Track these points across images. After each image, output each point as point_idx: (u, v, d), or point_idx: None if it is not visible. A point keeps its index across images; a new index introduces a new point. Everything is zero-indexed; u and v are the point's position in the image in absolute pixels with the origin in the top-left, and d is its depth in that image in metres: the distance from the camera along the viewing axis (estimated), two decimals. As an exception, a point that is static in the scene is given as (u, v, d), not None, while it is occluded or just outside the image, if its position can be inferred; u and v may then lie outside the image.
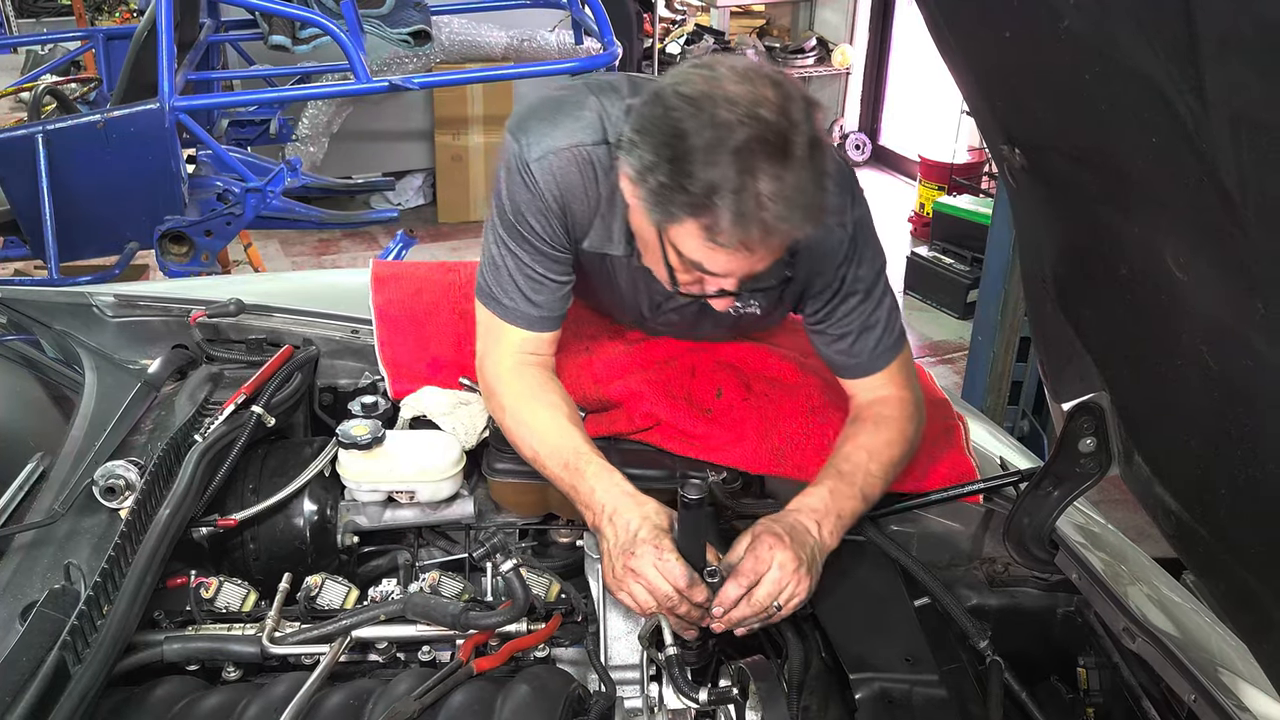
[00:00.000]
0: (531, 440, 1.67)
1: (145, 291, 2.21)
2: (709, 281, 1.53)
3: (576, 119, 1.62)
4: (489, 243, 1.71)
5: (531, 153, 1.60)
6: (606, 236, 1.68)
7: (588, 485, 1.58)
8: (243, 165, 4.44)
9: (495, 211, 1.68)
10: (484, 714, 1.26)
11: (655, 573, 1.44)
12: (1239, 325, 1.07)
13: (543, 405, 1.70)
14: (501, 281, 1.70)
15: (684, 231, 1.44)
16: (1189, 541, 1.37)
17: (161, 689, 1.33)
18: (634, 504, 1.53)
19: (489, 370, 1.76)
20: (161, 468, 1.59)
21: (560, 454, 1.63)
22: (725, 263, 1.46)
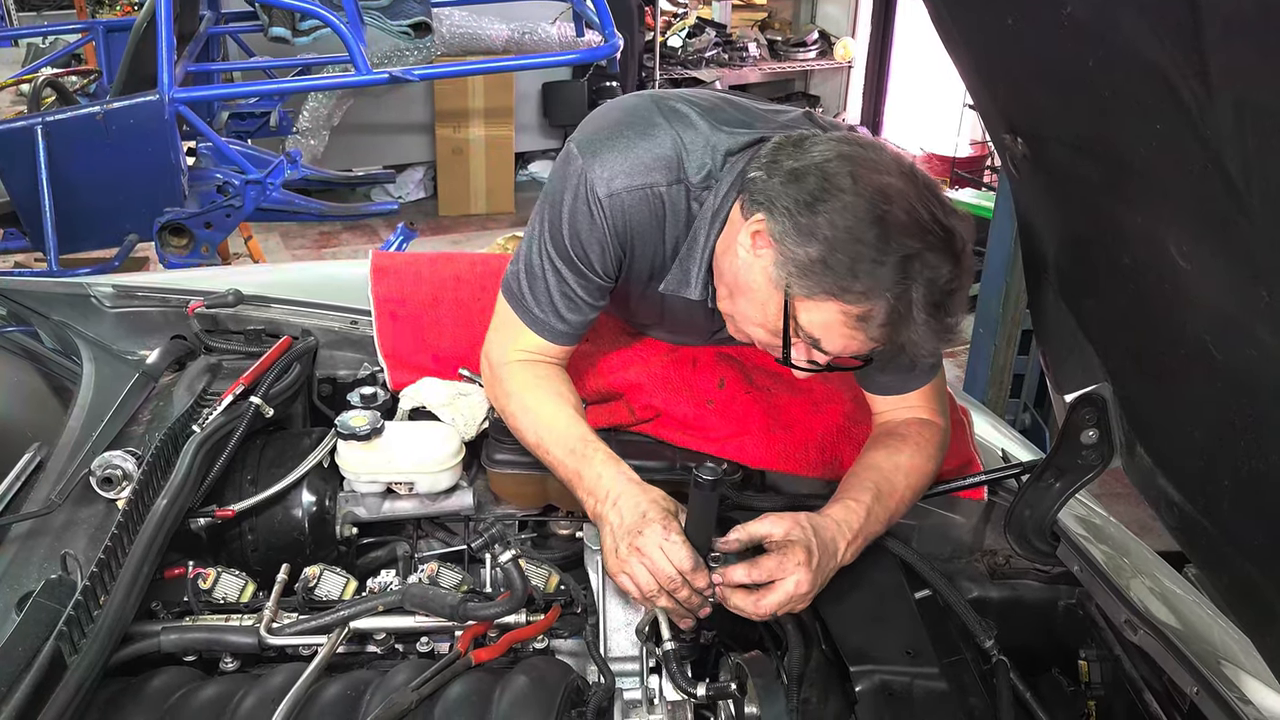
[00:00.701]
0: (536, 426, 1.66)
1: (143, 282, 2.20)
2: (811, 353, 1.50)
3: (655, 155, 1.55)
4: (531, 250, 1.65)
5: (605, 186, 1.54)
6: (684, 281, 1.63)
7: (594, 471, 1.56)
8: (243, 158, 4.43)
9: (548, 226, 1.61)
10: (482, 705, 1.25)
11: (660, 553, 1.43)
12: (1243, 314, 1.06)
13: (550, 394, 1.68)
14: (535, 292, 1.66)
15: (822, 310, 1.42)
16: (1192, 534, 1.36)
17: (158, 679, 1.32)
18: (640, 490, 1.52)
19: (496, 356, 1.74)
20: (159, 458, 1.58)
21: (566, 441, 1.61)
22: (849, 347, 1.46)
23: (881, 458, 1.69)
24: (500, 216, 7.13)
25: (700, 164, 1.56)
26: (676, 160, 1.56)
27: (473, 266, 2.23)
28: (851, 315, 1.40)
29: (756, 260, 1.47)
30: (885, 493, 1.64)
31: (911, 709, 1.41)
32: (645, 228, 1.59)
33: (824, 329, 1.44)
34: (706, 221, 1.58)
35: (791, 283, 1.42)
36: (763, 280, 1.47)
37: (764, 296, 1.48)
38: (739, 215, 1.53)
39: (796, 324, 1.46)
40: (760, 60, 8.57)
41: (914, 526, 1.85)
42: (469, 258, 2.30)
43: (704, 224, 1.58)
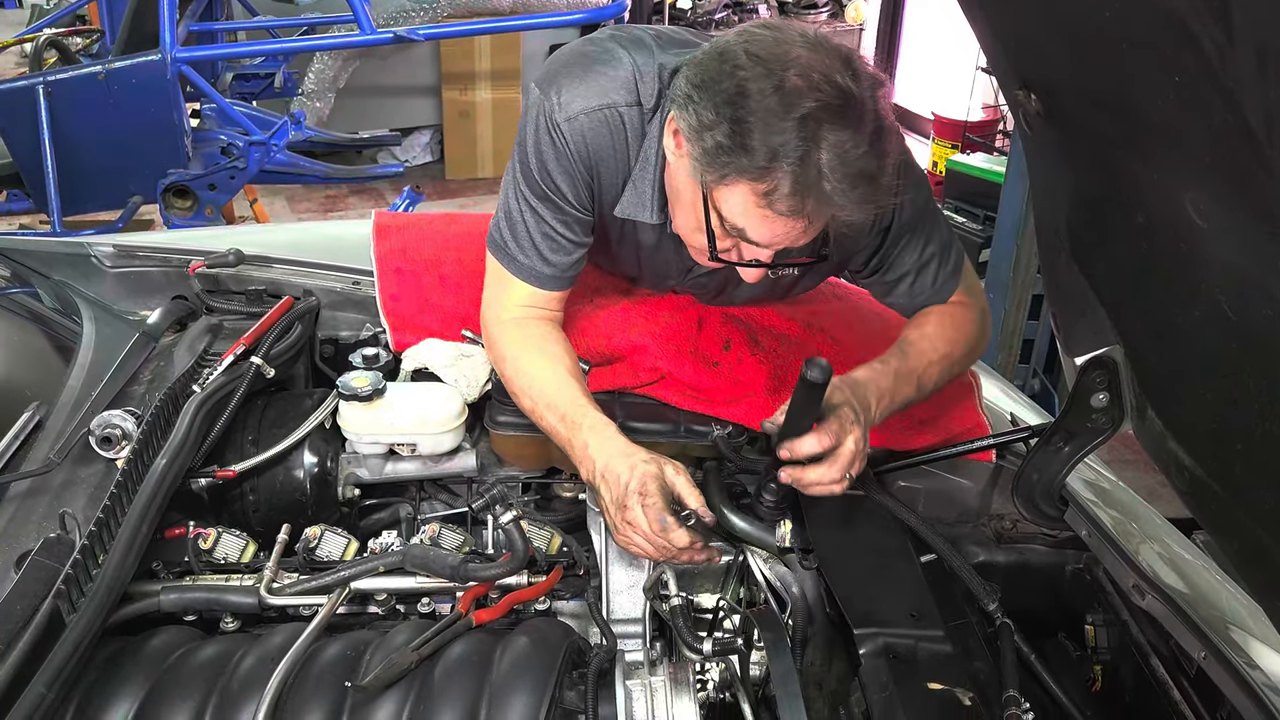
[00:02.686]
0: (530, 390, 1.64)
1: (144, 242, 2.18)
2: (746, 250, 1.49)
3: (610, 77, 1.56)
4: (508, 196, 1.66)
5: (562, 111, 1.55)
6: (639, 203, 1.63)
7: (582, 439, 1.55)
8: (247, 119, 4.40)
9: (519, 166, 1.62)
10: (482, 666, 1.25)
11: (644, 524, 1.44)
12: (1260, 272, 1.04)
13: (544, 356, 1.67)
14: (518, 237, 1.66)
15: (734, 194, 1.40)
16: (1202, 498, 1.34)
17: (158, 639, 1.32)
18: (624, 457, 1.51)
19: (491, 318, 1.73)
20: (159, 418, 1.57)
21: (557, 407, 1.60)
22: (770, 231, 1.43)
23: (908, 331, 1.75)
24: (507, 180, 7.07)
25: (652, 87, 1.56)
26: (633, 81, 1.56)
27: (476, 226, 2.20)
28: (760, 193, 1.37)
29: (680, 160, 1.47)
30: (911, 358, 1.69)
31: (916, 671, 1.40)
32: (606, 150, 1.58)
33: (742, 215, 1.42)
34: (656, 139, 1.57)
35: (704, 174, 1.40)
36: (685, 179, 1.47)
37: (690, 195, 1.48)
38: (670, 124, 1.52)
39: (720, 218, 1.45)
40: (770, 22, 8.45)
41: (920, 490, 1.83)
42: (472, 218, 2.28)
43: (653, 142, 1.57)
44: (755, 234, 1.44)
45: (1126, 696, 1.56)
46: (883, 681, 1.37)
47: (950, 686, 1.37)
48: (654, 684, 1.25)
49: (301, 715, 1.19)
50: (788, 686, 1.16)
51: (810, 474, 1.50)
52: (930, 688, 1.37)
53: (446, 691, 1.22)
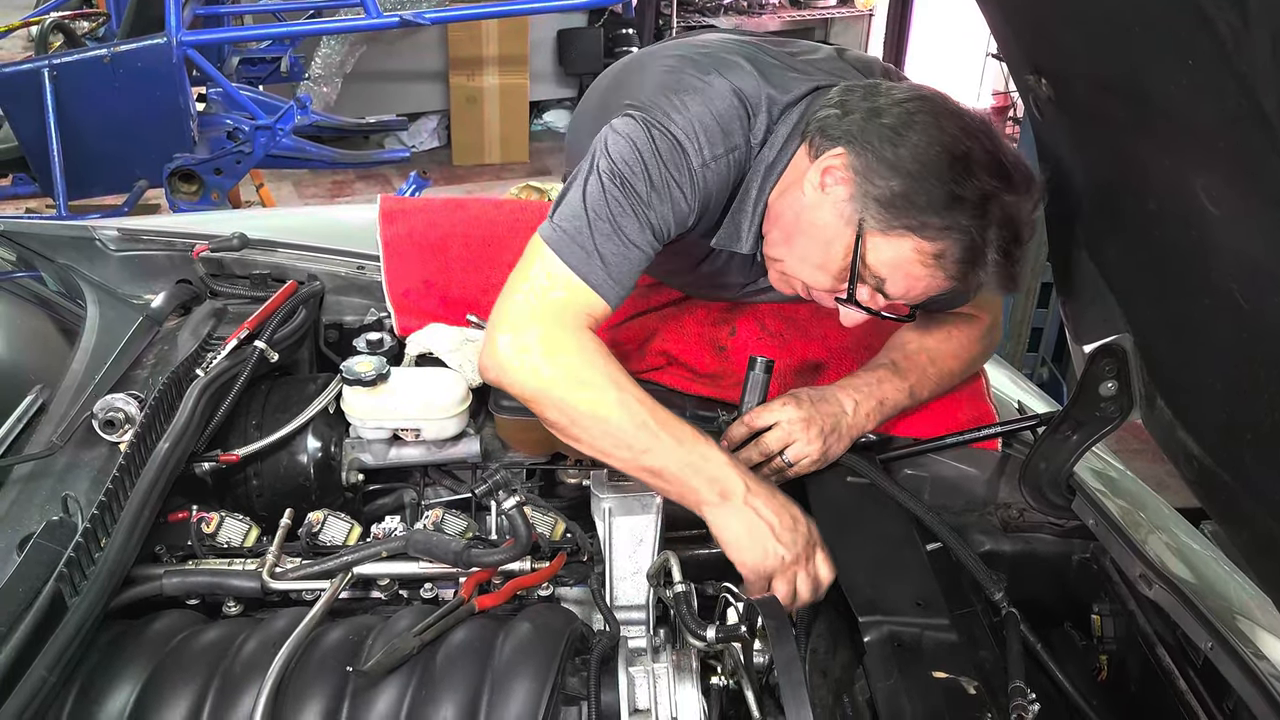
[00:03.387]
0: (643, 409, 1.45)
1: (148, 225, 2.17)
2: (874, 298, 1.49)
3: (728, 118, 1.50)
4: (608, 219, 1.46)
5: (701, 155, 1.48)
6: (735, 235, 1.61)
7: (724, 459, 1.48)
8: (253, 103, 4.38)
9: (630, 191, 1.46)
10: (484, 651, 1.24)
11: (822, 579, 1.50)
12: (1273, 260, 1.03)
13: (628, 376, 1.48)
14: (620, 260, 1.46)
15: (895, 246, 1.42)
16: (1211, 487, 1.34)
17: (160, 622, 1.31)
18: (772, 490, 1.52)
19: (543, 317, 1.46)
20: (162, 402, 1.57)
21: (679, 428, 1.47)
22: (914, 287, 1.45)
23: (910, 338, 1.78)
24: (515, 166, 7.07)
25: (762, 122, 1.53)
26: (746, 119, 1.52)
27: (483, 211, 2.20)
28: (926, 253, 1.40)
29: (825, 198, 1.46)
30: (902, 365, 1.74)
31: (921, 660, 1.39)
32: (722, 190, 1.54)
33: (893, 267, 1.43)
34: (760, 174, 1.55)
35: (868, 217, 1.42)
36: (832, 218, 1.46)
37: (831, 235, 1.46)
38: (803, 158, 1.52)
39: (863, 263, 1.45)
40: (780, 8, 8.42)
41: (926, 478, 1.82)
42: (480, 202, 2.27)
43: (757, 176, 1.55)
44: (896, 287, 1.46)
45: (1132, 686, 1.55)
46: (887, 670, 1.37)
47: (955, 675, 1.37)
48: (656, 671, 1.24)
49: (303, 700, 1.19)
50: (791, 674, 1.15)
51: (740, 456, 1.60)
52: (935, 676, 1.36)
53: (448, 677, 1.21)
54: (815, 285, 1.53)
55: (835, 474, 1.70)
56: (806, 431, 1.63)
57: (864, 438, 1.76)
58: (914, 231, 1.40)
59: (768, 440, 1.63)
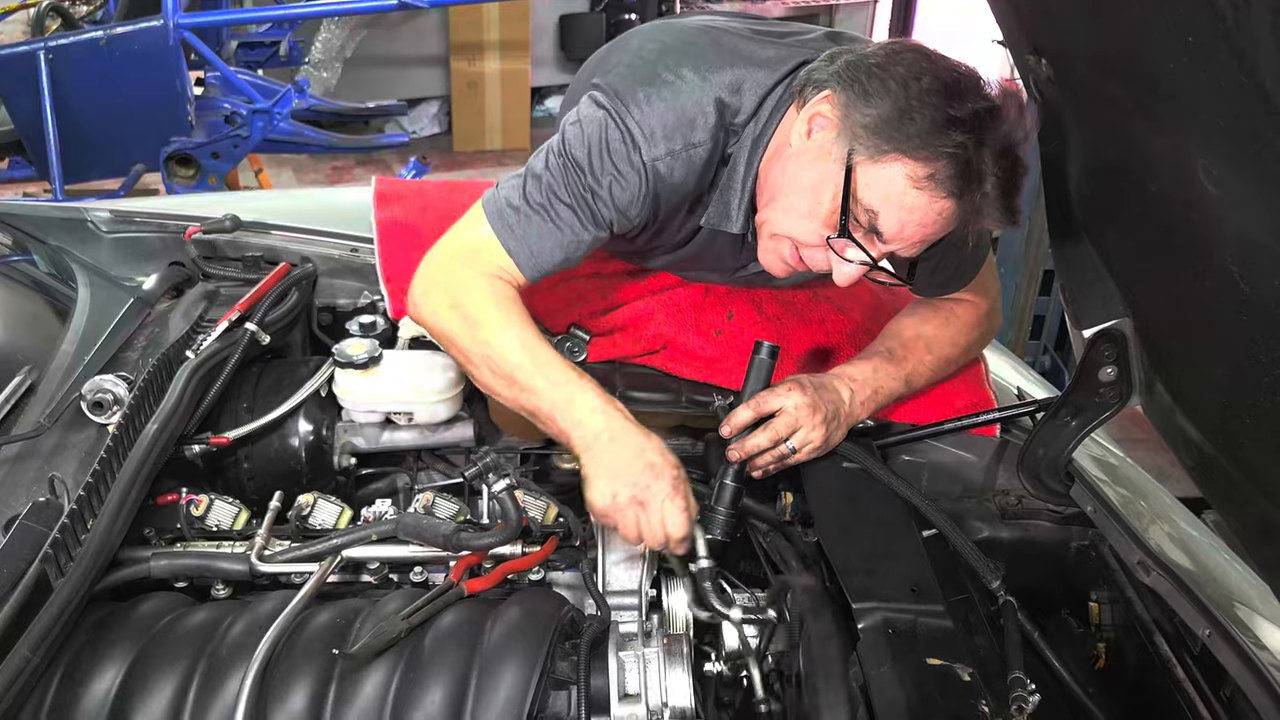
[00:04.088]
0: (519, 346, 1.48)
1: (141, 208, 2.15)
2: (868, 241, 1.44)
3: (698, 114, 1.48)
4: (544, 196, 1.50)
5: (652, 150, 1.47)
6: (725, 213, 1.60)
7: (588, 400, 1.45)
8: (251, 87, 4.36)
9: (572, 175, 1.49)
10: (473, 635, 1.23)
11: (659, 516, 1.40)
12: (1273, 241, 1.02)
13: (525, 318, 1.52)
14: (543, 237, 1.51)
15: (887, 172, 1.38)
16: (1210, 473, 1.33)
17: (147, 604, 1.31)
18: (644, 436, 1.46)
19: (454, 253, 1.55)
20: (152, 384, 1.56)
21: (551, 368, 1.48)
22: (907, 220, 1.40)
23: (907, 325, 1.76)
24: (516, 152, 7.04)
25: (745, 104, 1.52)
26: (719, 108, 1.50)
27: (479, 193, 2.16)
28: (919, 176, 1.37)
29: (811, 144, 1.45)
30: (898, 354, 1.72)
31: (915, 646, 1.37)
32: (680, 185, 1.52)
33: (885, 199, 1.39)
34: (747, 149, 1.54)
35: (856, 147, 1.39)
36: (819, 160, 1.44)
37: (818, 178, 1.44)
38: (792, 116, 1.50)
39: (854, 199, 1.41)
40: (784, -8, 8.37)
41: (924, 464, 1.81)
42: (475, 185, 2.24)
43: (744, 152, 1.54)
44: (890, 223, 1.41)
45: (1130, 674, 1.54)
46: (880, 656, 1.35)
47: (950, 662, 1.35)
48: (647, 655, 1.23)
49: (289, 682, 1.18)
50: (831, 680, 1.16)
51: (748, 442, 1.59)
52: (929, 663, 1.35)
53: (436, 661, 1.20)
54: (804, 238, 1.48)
55: (830, 460, 1.69)
56: (812, 418, 1.60)
57: (861, 424, 1.74)
58: (905, 154, 1.36)
59: (777, 425, 1.60)
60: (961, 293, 1.77)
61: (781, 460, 1.62)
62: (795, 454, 1.61)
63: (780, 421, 1.59)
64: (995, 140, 1.36)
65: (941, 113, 1.34)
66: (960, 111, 1.34)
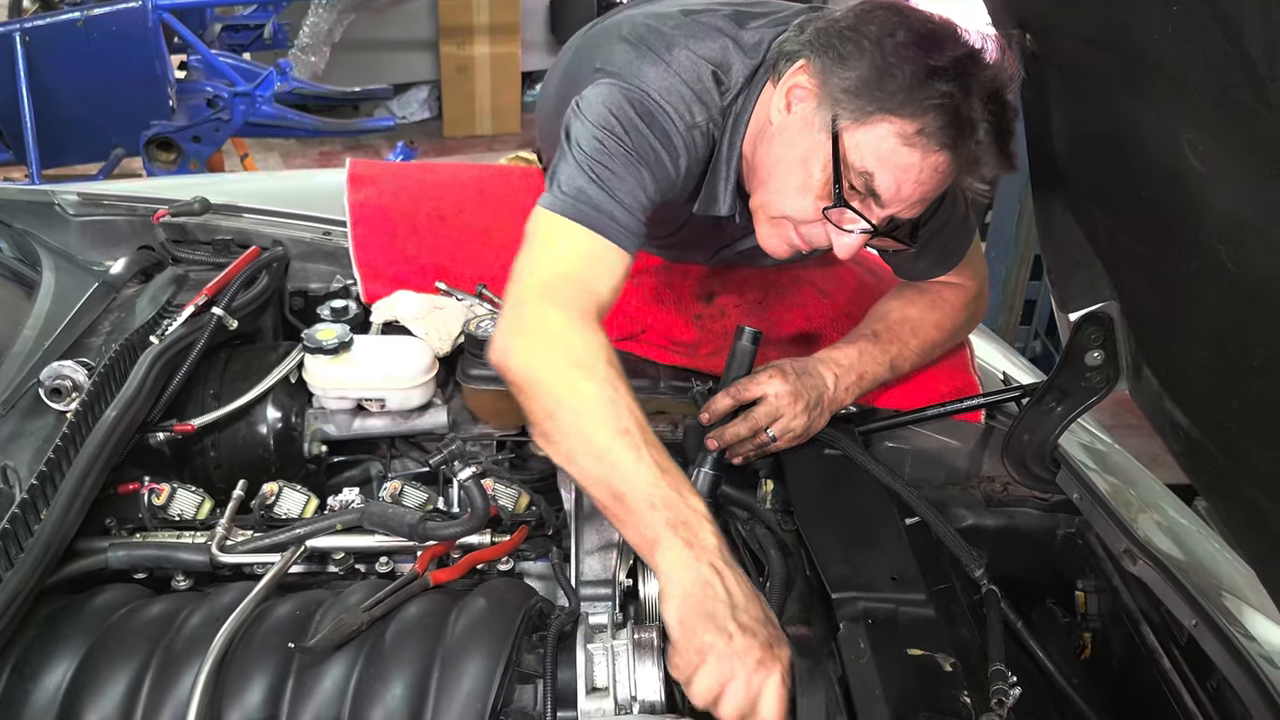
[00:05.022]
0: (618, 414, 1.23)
1: (110, 190, 2.11)
2: (866, 207, 1.39)
3: (704, 90, 1.47)
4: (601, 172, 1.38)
5: (681, 120, 1.44)
6: (713, 198, 1.56)
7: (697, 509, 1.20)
8: (233, 70, 4.30)
9: (622, 146, 1.40)
10: (437, 627, 1.19)
11: (768, 705, 1.11)
12: (1262, 220, 0.99)
13: (623, 378, 1.29)
14: (616, 208, 1.37)
15: (875, 133, 1.34)
16: (1198, 460, 1.30)
17: (102, 596, 1.27)
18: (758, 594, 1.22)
19: (543, 310, 1.31)
20: (113, 370, 1.51)
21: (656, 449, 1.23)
22: (903, 182, 1.36)
23: (893, 308, 1.72)
24: (506, 137, 6.97)
25: (733, 84, 1.49)
26: (715, 88, 1.47)
27: (455, 175, 2.14)
28: (908, 132, 1.33)
29: (791, 117, 1.41)
30: (883, 337, 1.68)
31: (895, 636, 1.34)
32: (696, 164, 1.50)
33: (877, 159, 1.35)
34: (729, 128, 1.50)
35: (839, 112, 1.35)
36: (803, 132, 1.40)
37: (805, 150, 1.40)
38: (769, 91, 1.47)
39: (846, 166, 1.37)
40: (776, -23, 8.31)
41: (908, 451, 1.78)
42: (451, 167, 2.21)
43: (727, 132, 1.51)
44: (886, 183, 1.36)
45: (1116, 664, 1.52)
46: (860, 647, 1.32)
47: (931, 652, 1.32)
48: (616, 648, 1.19)
49: (246, 676, 1.14)
50: None
51: (727, 431, 1.55)
52: (910, 653, 1.32)
53: (397, 653, 1.17)
54: (800, 214, 1.43)
55: (812, 447, 1.65)
56: (793, 406, 1.57)
57: (844, 409, 1.71)
58: (891, 112, 1.32)
59: (757, 414, 1.56)
60: (948, 275, 1.74)
61: (761, 449, 1.58)
62: (775, 442, 1.58)
63: (760, 410, 1.56)
64: (981, 85, 1.32)
65: (921, 65, 1.30)
66: (940, 60, 1.30)
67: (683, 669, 1.11)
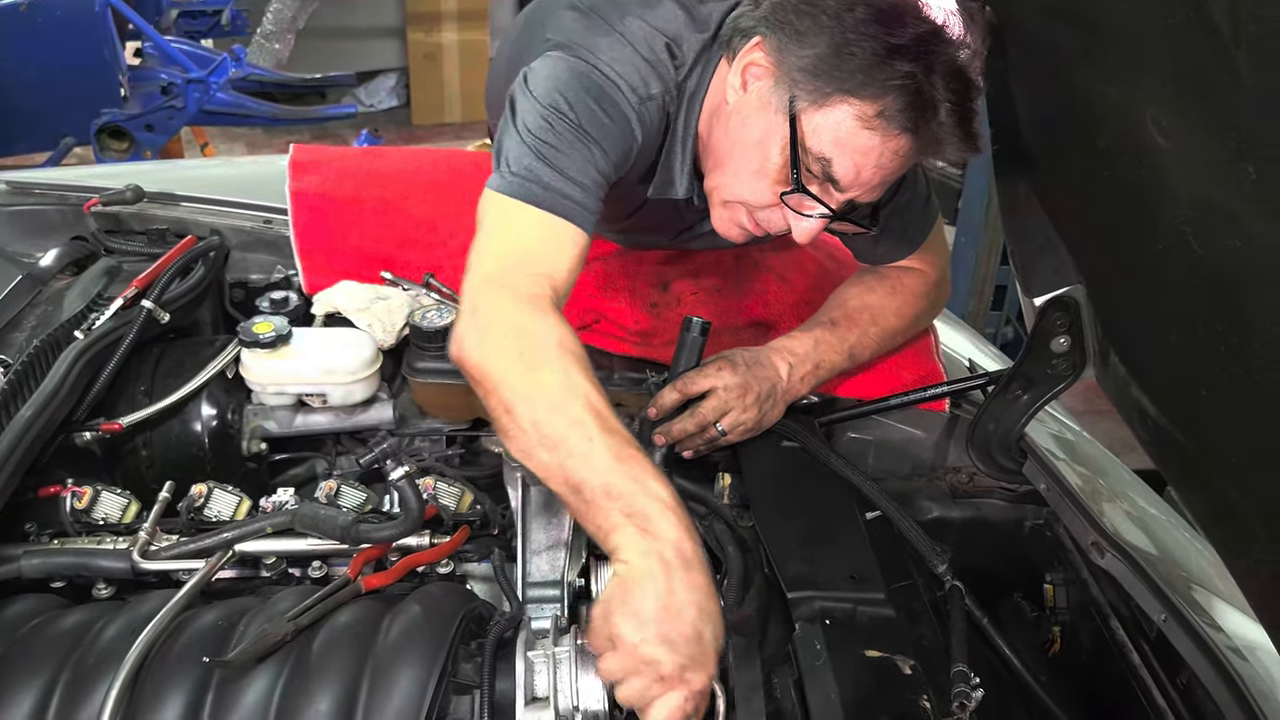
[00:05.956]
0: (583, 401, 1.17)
1: (40, 179, 2.03)
2: (824, 191, 1.34)
3: (658, 62, 1.40)
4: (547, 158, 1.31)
5: (633, 94, 1.37)
6: (669, 180, 1.50)
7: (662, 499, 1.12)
8: (186, 57, 4.19)
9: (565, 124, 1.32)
10: (367, 636, 1.13)
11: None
12: (1226, 198, 0.94)
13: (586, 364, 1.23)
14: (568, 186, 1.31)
15: (833, 115, 1.28)
16: (1166, 448, 1.26)
17: (13, 607, 1.20)
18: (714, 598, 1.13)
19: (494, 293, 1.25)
20: (33, 366, 1.44)
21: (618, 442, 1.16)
22: (862, 166, 1.31)
23: (851, 294, 1.67)
24: (476, 125, 6.87)
25: (685, 58, 1.42)
26: (669, 60, 1.41)
27: (402, 160, 2.07)
28: (868, 115, 1.27)
29: (748, 96, 1.36)
30: (841, 325, 1.63)
31: (853, 637, 1.29)
32: (650, 140, 1.42)
33: (835, 143, 1.30)
34: (684, 107, 1.44)
35: (797, 94, 1.30)
36: (760, 113, 1.34)
37: (762, 132, 1.34)
38: (724, 70, 1.41)
39: (804, 150, 1.32)
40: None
41: (871, 442, 1.73)
42: (399, 151, 2.14)
43: (682, 111, 1.44)
44: (844, 168, 1.31)
45: (1085, 659, 1.48)
46: (816, 649, 1.27)
47: (890, 654, 1.27)
48: (558, 655, 1.13)
49: (161, 693, 1.08)
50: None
51: (674, 427, 1.52)
52: (868, 655, 1.27)
53: (325, 665, 1.10)
54: (757, 199, 1.38)
55: (769, 439, 1.60)
56: (742, 399, 1.52)
57: (803, 399, 1.65)
58: (850, 93, 1.26)
59: (703, 409, 1.52)
60: (910, 260, 1.68)
61: (712, 443, 1.53)
62: (726, 436, 1.53)
63: (708, 405, 1.51)
64: (944, 63, 1.26)
65: (881, 42, 1.24)
66: (901, 38, 1.24)
67: (594, 645, 1.10)
